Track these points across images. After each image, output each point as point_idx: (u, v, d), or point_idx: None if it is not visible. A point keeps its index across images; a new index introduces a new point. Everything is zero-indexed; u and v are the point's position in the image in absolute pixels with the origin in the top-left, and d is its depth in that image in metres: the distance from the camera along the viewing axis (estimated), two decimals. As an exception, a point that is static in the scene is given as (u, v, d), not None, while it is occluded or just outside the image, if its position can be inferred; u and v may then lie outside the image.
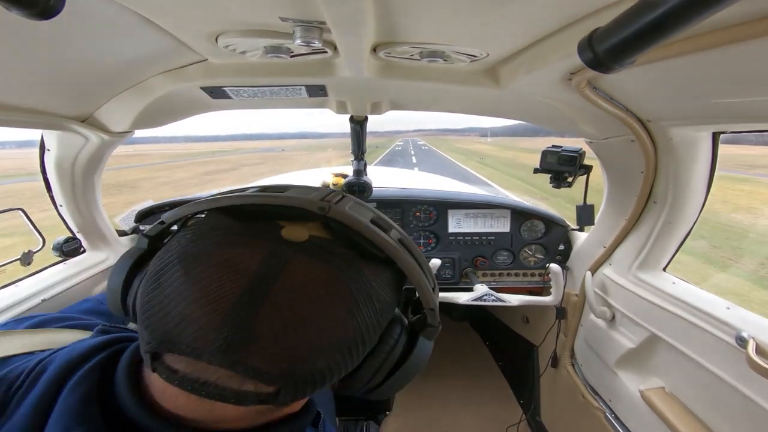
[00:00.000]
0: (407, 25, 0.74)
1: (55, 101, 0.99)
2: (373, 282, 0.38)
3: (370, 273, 0.38)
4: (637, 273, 1.28)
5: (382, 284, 0.39)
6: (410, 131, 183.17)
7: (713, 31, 0.57)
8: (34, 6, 0.42)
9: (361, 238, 0.39)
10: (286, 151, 71.52)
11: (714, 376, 0.96)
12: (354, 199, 0.43)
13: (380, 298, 0.38)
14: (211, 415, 0.36)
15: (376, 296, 0.38)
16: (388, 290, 0.40)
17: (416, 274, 0.41)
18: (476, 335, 2.84)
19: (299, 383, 0.35)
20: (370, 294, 0.37)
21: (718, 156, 1.04)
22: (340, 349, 0.36)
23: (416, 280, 0.41)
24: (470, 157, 41.11)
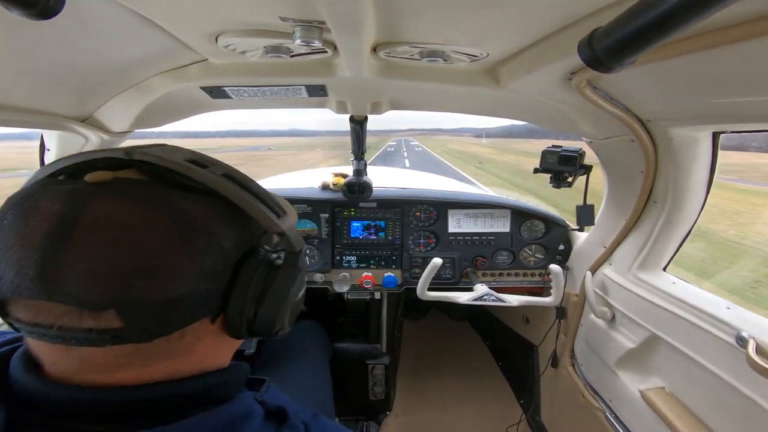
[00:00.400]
0: (407, 25, 0.74)
1: (55, 101, 0.99)
2: (194, 212, 0.40)
3: (189, 204, 0.40)
4: (637, 273, 1.28)
5: (210, 215, 0.41)
6: (403, 130, 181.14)
7: (713, 31, 0.57)
8: (34, 6, 0.42)
9: (176, 176, 0.41)
10: (273, 149, 68.64)
11: (714, 375, 0.96)
12: (171, 146, 0.45)
13: (209, 228, 0.40)
14: (85, 366, 0.38)
15: (202, 226, 0.40)
16: (219, 221, 0.42)
17: (247, 203, 0.42)
18: (476, 335, 2.84)
19: (138, 312, 0.36)
20: (192, 223, 0.39)
21: (718, 156, 1.04)
22: (172, 275, 0.37)
23: (251, 210, 0.43)
24: (468, 160, 39.19)
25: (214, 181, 0.41)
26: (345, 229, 1.80)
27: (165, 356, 0.41)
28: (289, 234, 0.46)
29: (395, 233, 1.80)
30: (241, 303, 0.43)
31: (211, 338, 0.45)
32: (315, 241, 1.78)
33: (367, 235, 1.80)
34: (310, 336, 1.61)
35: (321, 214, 1.76)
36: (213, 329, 0.44)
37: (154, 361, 0.40)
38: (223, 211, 0.43)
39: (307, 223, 1.78)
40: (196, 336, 0.43)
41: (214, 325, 0.44)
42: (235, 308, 0.43)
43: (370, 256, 1.80)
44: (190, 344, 0.43)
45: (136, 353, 0.39)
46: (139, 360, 0.39)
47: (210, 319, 0.43)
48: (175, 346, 0.41)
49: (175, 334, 0.40)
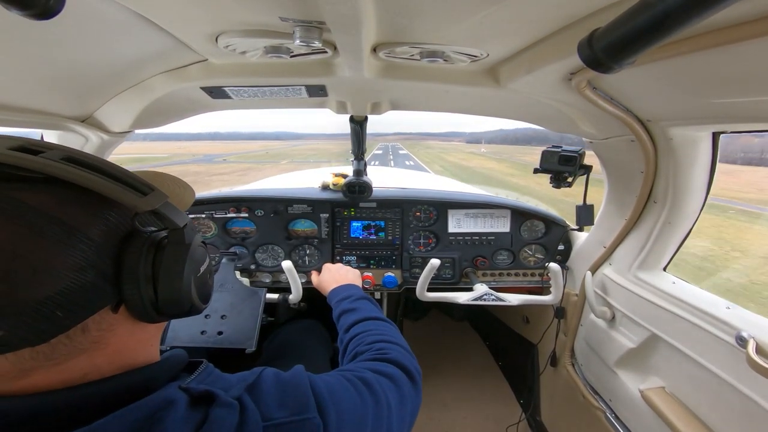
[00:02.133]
0: (407, 26, 0.74)
1: (55, 101, 0.99)
2: (37, 204, 0.37)
3: (29, 196, 0.37)
4: (637, 273, 1.28)
5: (58, 204, 0.38)
6: (389, 134, 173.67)
7: (713, 31, 0.57)
8: (34, 6, 0.42)
9: (7, 168, 0.37)
10: (230, 162, 54.61)
11: (714, 375, 0.96)
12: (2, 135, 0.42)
13: (62, 219, 0.38)
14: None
15: (52, 218, 0.37)
16: (72, 209, 0.39)
17: (100, 185, 0.40)
18: (476, 335, 2.84)
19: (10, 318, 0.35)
20: (38, 217, 0.37)
21: (718, 156, 1.04)
22: (35, 275, 0.35)
23: (107, 192, 0.40)
24: (478, 181, 25.69)
25: (53, 166, 0.38)
26: (345, 229, 1.80)
27: (73, 353, 0.40)
28: (163, 211, 0.44)
29: (395, 233, 1.80)
30: (136, 287, 0.42)
31: (124, 328, 0.44)
32: (315, 241, 1.78)
33: (367, 235, 1.80)
34: (311, 335, 1.61)
35: (321, 214, 1.76)
36: (120, 318, 0.43)
37: (63, 360, 0.39)
38: (76, 198, 0.40)
39: (307, 223, 1.78)
40: (104, 328, 0.42)
41: (118, 314, 0.43)
42: (131, 293, 0.42)
43: (370, 256, 1.80)
44: (99, 337, 0.42)
45: (37, 356, 0.38)
46: (45, 362, 0.38)
47: (111, 309, 0.42)
48: (79, 341, 0.40)
49: (73, 331, 0.38)
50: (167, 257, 0.45)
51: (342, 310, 1.02)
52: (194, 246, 0.48)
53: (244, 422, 0.45)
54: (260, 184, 2.98)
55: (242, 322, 1.34)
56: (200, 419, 0.43)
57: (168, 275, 0.45)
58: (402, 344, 0.84)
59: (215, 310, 1.36)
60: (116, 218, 0.43)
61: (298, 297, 1.49)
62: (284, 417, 0.49)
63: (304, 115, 41.95)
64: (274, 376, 0.55)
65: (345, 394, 0.58)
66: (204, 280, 0.51)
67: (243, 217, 1.74)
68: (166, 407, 0.41)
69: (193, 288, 0.47)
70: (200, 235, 0.52)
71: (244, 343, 1.28)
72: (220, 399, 0.45)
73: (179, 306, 0.46)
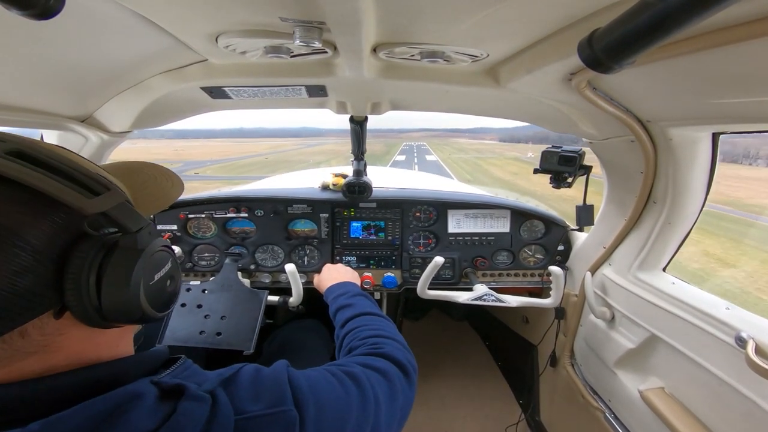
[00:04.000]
0: (407, 26, 0.74)
1: (55, 101, 0.99)
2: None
3: None
4: (637, 273, 1.28)
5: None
6: (414, 131, 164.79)
7: (713, 31, 0.57)
8: (34, 6, 0.42)
9: None
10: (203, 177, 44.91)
11: (713, 376, 0.96)
12: None
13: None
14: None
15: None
16: (13, 210, 0.37)
17: (44, 184, 0.37)
18: (476, 335, 2.84)
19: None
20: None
21: (717, 156, 1.04)
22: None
23: (49, 191, 0.37)
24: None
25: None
26: (345, 230, 1.80)
27: (16, 356, 0.39)
28: (113, 214, 0.41)
29: (395, 233, 1.80)
30: (78, 294, 0.40)
31: (77, 331, 0.43)
32: (315, 241, 1.78)
33: (367, 235, 1.80)
34: (312, 335, 1.61)
35: (321, 215, 1.76)
36: (68, 323, 0.42)
37: (6, 363, 0.38)
38: (18, 198, 0.37)
39: (306, 224, 1.78)
40: (49, 332, 0.40)
41: (65, 319, 0.41)
42: (73, 300, 0.40)
43: (369, 256, 1.80)
44: (46, 341, 0.40)
45: (15, 354, 0.37)
46: (30, 362, 0.38)
47: (53, 314, 0.40)
48: (20, 345, 0.38)
49: (9, 336, 0.37)
50: (113, 263, 0.42)
51: (338, 306, 1.03)
52: (149, 251, 0.46)
53: (215, 415, 0.44)
54: (260, 184, 2.98)
55: (241, 323, 1.34)
56: (168, 412, 0.41)
57: (112, 283, 0.42)
58: (397, 339, 0.84)
59: (215, 311, 1.35)
60: (65, 220, 0.40)
61: (299, 300, 1.49)
62: (258, 410, 0.48)
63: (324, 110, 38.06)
64: (253, 371, 0.54)
65: (327, 387, 0.57)
66: (159, 287, 0.48)
67: (243, 217, 1.74)
68: (132, 400, 0.41)
69: (142, 296, 0.45)
70: (161, 239, 0.49)
71: (242, 345, 1.28)
72: (190, 392, 0.44)
73: (127, 315, 0.44)
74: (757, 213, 20.94)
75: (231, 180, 37.99)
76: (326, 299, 1.14)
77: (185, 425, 0.41)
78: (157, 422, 0.40)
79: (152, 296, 0.47)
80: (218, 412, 0.44)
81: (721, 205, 20.31)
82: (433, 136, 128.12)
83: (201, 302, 1.36)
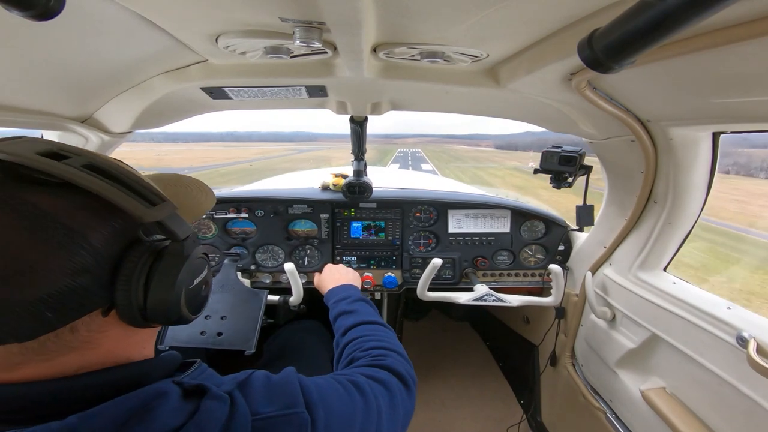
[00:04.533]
0: (407, 26, 0.74)
1: (55, 101, 0.99)
2: (48, 208, 0.39)
3: (43, 200, 0.39)
4: (638, 273, 1.28)
5: (69, 209, 0.40)
6: (409, 136, 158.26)
7: (713, 31, 0.57)
8: (34, 7, 0.42)
9: (29, 171, 0.39)
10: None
11: (715, 376, 0.96)
12: (28, 138, 0.43)
13: (67, 224, 0.39)
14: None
15: (59, 222, 0.39)
16: (81, 215, 0.41)
17: (113, 194, 0.41)
18: (476, 335, 2.84)
19: (3, 315, 0.36)
20: (46, 220, 0.38)
21: (718, 156, 1.04)
22: (31, 276, 0.37)
23: (117, 200, 0.41)
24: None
25: (72, 173, 0.40)
26: (345, 230, 1.80)
27: (62, 351, 0.41)
28: (167, 223, 0.45)
29: (395, 234, 1.80)
30: (127, 294, 0.43)
31: (115, 330, 0.46)
32: (315, 242, 1.78)
33: (367, 235, 1.80)
34: (311, 335, 1.61)
35: (321, 215, 1.76)
36: (111, 321, 0.44)
37: (52, 356, 0.41)
38: (88, 204, 0.41)
39: (307, 224, 1.78)
40: (94, 330, 0.43)
41: (109, 317, 0.44)
42: (122, 300, 0.43)
43: (370, 256, 1.80)
44: (88, 338, 0.43)
45: (25, 351, 0.39)
46: (33, 356, 0.40)
47: (101, 312, 0.43)
48: (68, 340, 0.41)
49: (62, 330, 0.40)
50: (162, 268, 0.46)
51: (339, 312, 1.03)
52: (192, 258, 0.49)
53: (234, 415, 0.46)
54: (260, 184, 2.99)
55: (242, 323, 1.34)
56: (192, 410, 0.44)
57: (160, 286, 0.45)
58: (399, 350, 0.85)
59: (216, 311, 1.35)
60: (122, 225, 0.44)
61: (299, 299, 1.49)
62: (272, 411, 0.50)
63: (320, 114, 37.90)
64: (264, 376, 0.57)
65: (334, 394, 0.60)
66: (196, 291, 0.52)
67: (243, 217, 1.74)
68: (158, 398, 0.43)
69: (182, 299, 0.48)
70: (201, 247, 0.53)
71: (243, 345, 1.28)
72: (212, 392, 0.47)
73: (166, 316, 0.47)
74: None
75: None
76: (326, 302, 1.14)
77: (208, 423, 0.44)
78: (183, 419, 0.43)
79: (190, 299, 0.50)
80: (236, 412, 0.47)
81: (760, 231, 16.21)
82: (428, 142, 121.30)
83: None
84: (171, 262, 0.47)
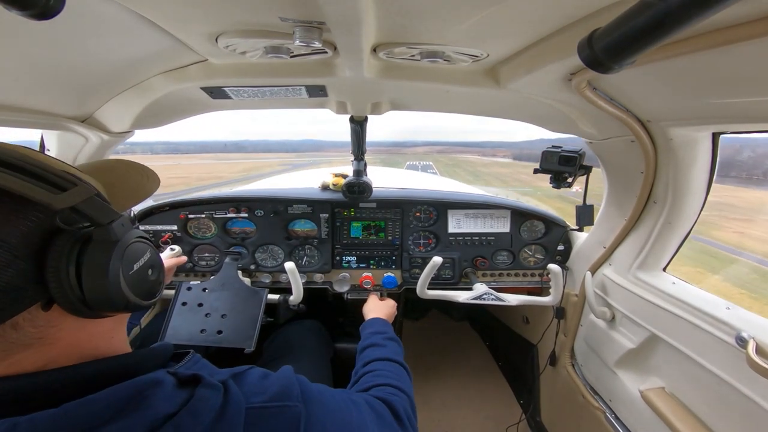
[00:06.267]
0: (407, 26, 0.74)
1: (55, 101, 0.99)
2: None
3: None
4: (637, 273, 1.28)
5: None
6: (418, 144, 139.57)
7: (713, 31, 0.57)
8: (34, 6, 0.42)
9: None
10: None
11: (714, 376, 0.96)
12: None
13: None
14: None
15: None
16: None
17: (9, 183, 0.38)
18: (476, 335, 2.84)
19: None
20: None
21: (718, 156, 1.04)
22: None
23: (15, 189, 0.38)
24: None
25: None
26: (345, 230, 1.80)
27: (13, 349, 0.41)
28: (82, 208, 0.42)
29: (395, 233, 1.80)
30: (60, 285, 0.42)
31: (68, 323, 0.45)
32: (315, 242, 1.78)
33: (367, 235, 1.80)
34: (311, 335, 1.61)
35: (321, 215, 1.76)
36: (58, 315, 0.43)
37: (4, 356, 0.40)
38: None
39: (306, 224, 1.78)
40: (41, 324, 0.42)
41: (55, 311, 0.43)
42: (57, 292, 0.42)
43: (369, 256, 1.80)
44: (39, 333, 0.42)
45: (18, 346, 0.40)
46: (31, 354, 0.40)
47: (41, 307, 0.42)
48: (14, 338, 0.40)
49: (3, 328, 0.39)
50: (89, 255, 0.44)
51: (371, 343, 1.08)
52: (124, 242, 0.47)
53: (228, 403, 0.46)
54: (260, 184, 2.99)
55: (242, 321, 1.34)
56: (186, 398, 0.44)
57: (91, 274, 0.43)
58: (409, 394, 0.88)
59: (216, 309, 1.36)
60: (38, 216, 0.41)
61: (299, 298, 1.49)
62: (266, 402, 0.51)
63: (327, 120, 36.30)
64: (262, 372, 0.57)
65: (331, 397, 0.61)
66: (140, 276, 0.50)
67: (243, 217, 1.74)
68: (152, 386, 0.43)
69: (123, 285, 0.46)
70: (136, 230, 0.51)
71: (243, 343, 1.28)
72: (206, 380, 0.47)
73: (110, 303, 0.45)
74: None
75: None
76: (362, 330, 1.21)
77: (202, 410, 0.44)
78: (177, 406, 0.43)
79: (135, 285, 0.48)
80: (230, 400, 0.47)
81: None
82: (439, 151, 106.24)
83: (202, 301, 1.37)
84: (98, 249, 0.45)
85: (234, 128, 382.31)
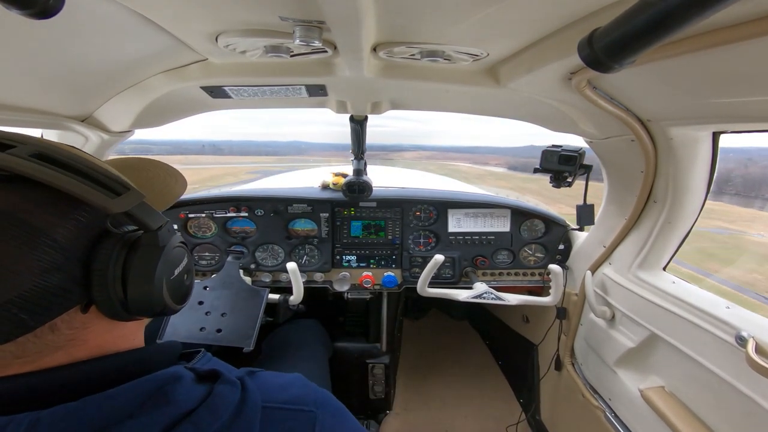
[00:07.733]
0: (407, 25, 0.74)
1: (55, 101, 0.99)
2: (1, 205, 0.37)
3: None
4: (637, 272, 1.28)
5: (23, 205, 0.38)
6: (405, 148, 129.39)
7: (713, 31, 0.57)
8: (34, 5, 0.42)
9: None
10: None
11: (714, 375, 0.96)
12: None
13: (26, 220, 0.37)
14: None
15: (16, 219, 0.36)
16: (39, 210, 0.38)
17: (70, 185, 0.38)
18: (476, 334, 2.84)
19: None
20: (1, 219, 0.36)
21: (718, 156, 1.04)
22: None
23: (77, 192, 0.38)
24: None
25: (18, 163, 0.36)
26: (345, 229, 1.80)
27: (45, 351, 0.40)
28: (136, 213, 0.43)
29: (395, 233, 1.80)
30: (104, 288, 0.42)
31: (99, 325, 0.45)
32: (315, 241, 1.78)
33: (367, 234, 1.80)
34: (311, 334, 1.61)
35: (321, 214, 1.76)
36: (93, 317, 0.43)
37: (35, 357, 0.40)
38: (44, 198, 0.39)
39: (307, 223, 1.78)
40: (76, 327, 0.42)
41: (91, 312, 0.43)
42: (100, 295, 0.42)
43: (370, 255, 1.80)
44: (72, 335, 0.42)
45: (4, 355, 0.38)
46: (13, 360, 0.39)
47: (80, 309, 0.42)
48: (50, 340, 0.40)
49: (41, 330, 0.39)
50: (138, 260, 0.44)
51: None
52: (169, 248, 0.48)
53: (245, 400, 0.46)
54: (260, 183, 2.99)
55: (242, 320, 1.34)
56: (205, 393, 0.44)
57: (137, 278, 0.44)
58: None
59: (216, 308, 1.36)
60: (88, 218, 0.42)
61: (299, 298, 1.49)
62: (282, 403, 0.50)
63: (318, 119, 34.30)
64: (275, 374, 0.57)
65: (351, 418, 0.59)
66: (179, 281, 0.51)
67: (243, 216, 1.74)
68: (173, 381, 0.43)
69: (165, 290, 0.47)
70: (178, 236, 0.51)
71: (242, 342, 1.29)
72: (225, 376, 0.47)
73: (150, 308, 0.46)
74: None
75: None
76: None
77: (220, 406, 0.44)
78: (196, 402, 0.43)
79: (173, 290, 0.49)
80: (247, 398, 0.47)
81: None
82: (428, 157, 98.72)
83: (202, 299, 1.37)
84: (147, 254, 0.45)
85: (216, 127, 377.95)
